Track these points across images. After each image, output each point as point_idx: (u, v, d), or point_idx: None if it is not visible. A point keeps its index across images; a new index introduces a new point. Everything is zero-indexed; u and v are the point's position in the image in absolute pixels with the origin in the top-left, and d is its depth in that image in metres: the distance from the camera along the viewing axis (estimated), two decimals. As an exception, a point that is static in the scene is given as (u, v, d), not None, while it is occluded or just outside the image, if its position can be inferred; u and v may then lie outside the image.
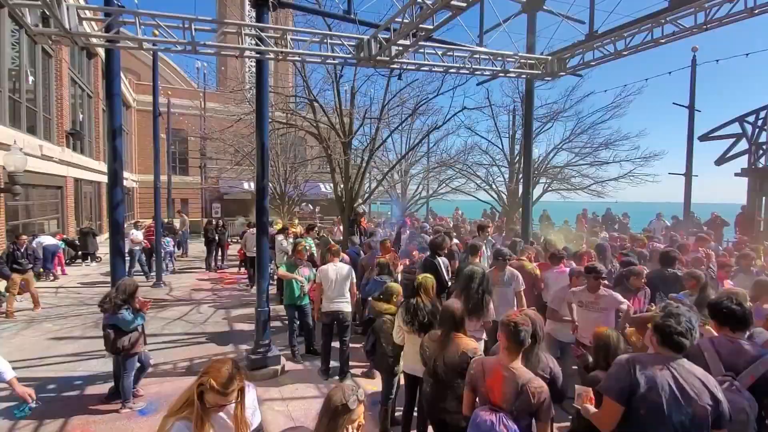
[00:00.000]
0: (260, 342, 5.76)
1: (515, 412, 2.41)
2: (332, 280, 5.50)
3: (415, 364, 3.74)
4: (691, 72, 11.45)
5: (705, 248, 7.50)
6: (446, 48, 6.44)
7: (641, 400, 2.16)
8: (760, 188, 10.79)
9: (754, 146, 10.89)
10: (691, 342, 2.24)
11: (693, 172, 11.85)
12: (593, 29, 6.69)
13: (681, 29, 5.65)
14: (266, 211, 5.82)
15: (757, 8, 5.01)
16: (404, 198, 17.78)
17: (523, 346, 2.52)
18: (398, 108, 12.52)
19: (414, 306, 3.79)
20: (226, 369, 1.91)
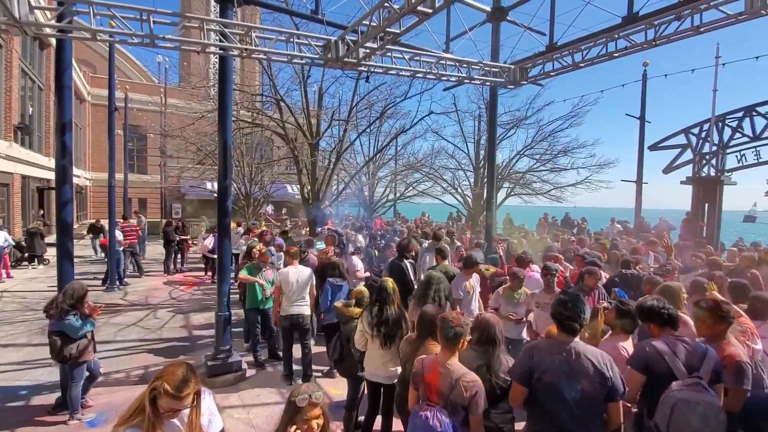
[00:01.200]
0: (220, 347, 5.58)
1: (449, 406, 2.49)
2: (292, 283, 5.39)
3: (377, 371, 3.71)
4: (642, 85, 12.18)
5: (654, 251, 7.97)
6: (413, 53, 6.51)
7: (538, 381, 2.48)
8: (703, 196, 11.61)
9: (698, 156, 11.71)
10: (581, 325, 2.52)
11: (643, 179, 12.59)
12: (553, 41, 6.97)
13: (633, 44, 5.98)
14: (228, 212, 5.66)
15: (703, 26, 5.37)
16: (372, 200, 17.80)
17: (455, 343, 2.60)
18: (366, 110, 12.57)
19: (379, 312, 3.72)
20: (180, 372, 1.85)
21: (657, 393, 2.47)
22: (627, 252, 7.07)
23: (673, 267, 5.65)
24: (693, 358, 2.57)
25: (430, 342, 3.15)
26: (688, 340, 2.69)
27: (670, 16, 5.39)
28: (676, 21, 5.47)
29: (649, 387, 2.58)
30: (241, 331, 7.29)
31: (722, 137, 11.37)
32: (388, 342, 3.61)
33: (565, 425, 2.42)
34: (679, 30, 5.47)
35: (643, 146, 12.37)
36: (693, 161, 11.80)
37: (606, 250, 7.78)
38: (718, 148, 11.39)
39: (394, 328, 3.65)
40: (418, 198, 18.26)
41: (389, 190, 18.69)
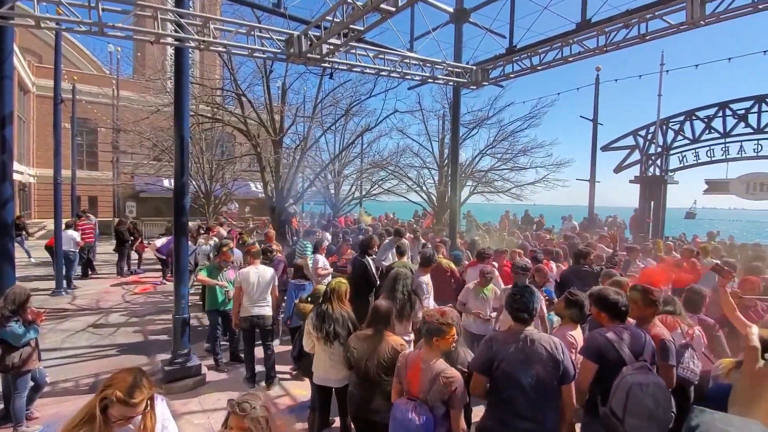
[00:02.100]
0: (178, 351, 5.37)
1: (430, 401, 2.55)
2: (253, 283, 5.25)
3: (326, 374, 3.65)
4: (595, 89, 12.83)
5: (605, 246, 8.45)
6: (378, 50, 6.53)
7: (497, 369, 2.60)
8: (649, 194, 12.40)
9: (645, 157, 12.49)
10: (530, 315, 2.69)
11: (596, 178, 13.27)
12: (513, 44, 7.21)
13: (586, 49, 6.29)
14: (186, 210, 5.44)
15: (648, 35, 5.73)
16: (337, 198, 17.69)
17: (437, 339, 2.64)
18: (331, 108, 12.45)
19: (323, 312, 3.64)
20: (131, 378, 1.78)
21: (609, 380, 2.60)
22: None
23: (619, 260, 5.99)
24: (636, 344, 2.76)
25: (388, 334, 3.18)
26: (630, 327, 2.87)
27: (618, 24, 5.71)
28: (624, 29, 5.80)
29: (601, 375, 2.71)
30: (201, 334, 7.07)
31: (666, 139, 12.19)
32: (330, 341, 3.53)
33: (522, 411, 2.54)
34: (627, 37, 5.81)
35: (596, 147, 13.07)
36: (640, 161, 12.58)
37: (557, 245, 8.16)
38: (662, 149, 12.20)
39: (336, 326, 3.56)
40: (384, 196, 18.33)
41: (355, 188, 18.65)
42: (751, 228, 31.53)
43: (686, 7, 5.07)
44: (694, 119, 11.67)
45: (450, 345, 2.71)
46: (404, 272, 4.63)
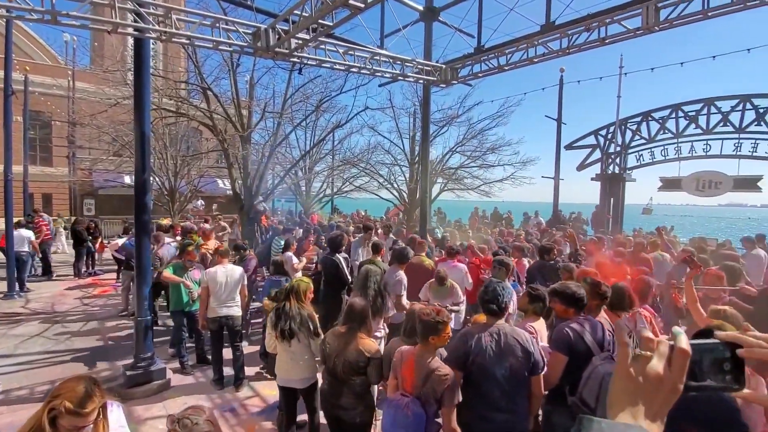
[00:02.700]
0: (141, 355, 5.17)
1: (423, 397, 2.58)
2: (221, 283, 5.13)
3: (288, 375, 3.61)
4: (559, 89, 13.26)
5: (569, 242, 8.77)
6: (348, 47, 6.49)
7: (472, 363, 2.69)
8: (609, 191, 12.98)
9: (605, 156, 13.05)
10: (500, 307, 2.79)
11: (560, 176, 13.76)
12: (481, 44, 7.33)
13: (550, 51, 6.48)
14: (148, 208, 5.24)
15: (608, 38, 5.97)
16: (308, 195, 17.50)
17: (431, 336, 2.66)
18: (301, 103, 12.26)
19: (281, 310, 3.59)
20: (81, 387, 1.71)
21: (578, 371, 2.67)
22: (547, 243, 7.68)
23: (582, 255, 6.24)
24: (596, 334, 2.90)
25: (360, 334, 3.17)
26: (589, 318, 3.01)
27: (580, 27, 5.92)
28: (586, 32, 6.02)
29: (570, 366, 2.79)
30: (165, 338, 6.85)
31: (624, 139, 12.79)
32: (287, 339, 3.49)
33: (498, 402, 2.63)
34: (588, 40, 6.04)
35: (560, 146, 13.52)
36: (601, 160, 13.14)
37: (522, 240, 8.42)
38: (621, 148, 12.79)
39: (292, 324, 3.51)
40: (356, 193, 18.29)
41: (326, 185, 18.51)
42: (704, 222, 33.61)
43: (642, 13, 5.32)
44: (650, 120, 12.31)
45: (445, 342, 2.74)
46: (375, 269, 4.65)
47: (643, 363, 0.66)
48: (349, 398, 3.05)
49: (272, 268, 5.75)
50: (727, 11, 5.01)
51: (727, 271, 5.17)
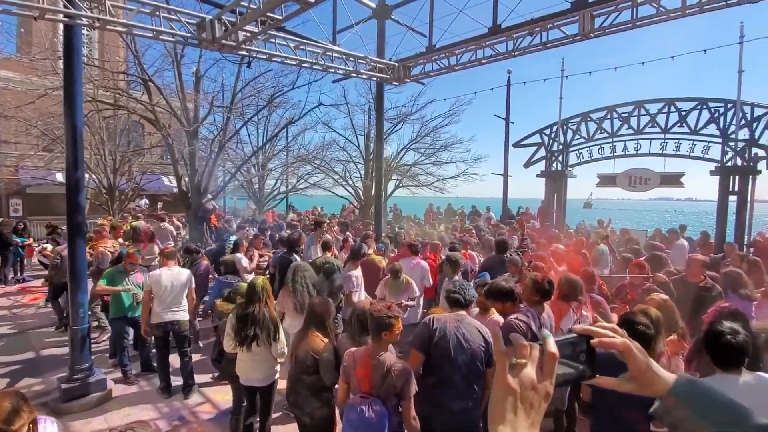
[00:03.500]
0: (77, 366, 4.81)
1: (383, 395, 2.59)
2: (166, 287, 4.86)
3: (248, 374, 3.57)
4: (506, 90, 13.85)
5: (517, 236, 9.20)
6: (299, 41, 6.37)
7: (435, 347, 2.77)
8: (553, 187, 13.73)
9: (549, 153, 13.79)
10: (464, 298, 2.97)
11: (509, 173, 14.38)
12: (432, 43, 7.48)
13: (497, 53, 6.74)
14: (81, 208, 4.86)
15: (549, 43, 6.30)
16: (261, 193, 17.04)
17: (384, 334, 2.66)
18: (252, 98, 11.89)
19: (250, 314, 3.46)
20: (8, 403, 1.59)
21: None
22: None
23: (527, 248, 6.58)
24: (537, 324, 3.09)
25: (313, 333, 3.15)
26: (531, 309, 3.20)
27: (524, 31, 6.20)
28: (529, 36, 6.32)
29: None
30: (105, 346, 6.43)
31: (566, 138, 13.57)
32: (250, 343, 3.42)
33: (458, 388, 2.73)
34: (531, 44, 6.34)
35: (508, 144, 14.15)
36: (545, 157, 13.86)
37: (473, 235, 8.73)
38: (563, 147, 13.57)
39: (256, 329, 3.44)
40: (311, 190, 18.05)
41: (281, 183, 18.10)
42: (637, 215, 36.45)
43: (579, 20, 5.67)
44: (589, 120, 13.16)
45: (396, 337, 2.76)
46: (303, 265, 4.63)
47: (519, 371, 0.66)
48: (301, 397, 3.04)
49: (222, 268, 5.56)
50: (653, 21, 5.46)
51: (654, 260, 5.68)
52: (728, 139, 10.84)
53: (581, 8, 5.59)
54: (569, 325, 3.72)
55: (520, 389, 0.65)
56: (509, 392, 0.65)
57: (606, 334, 0.76)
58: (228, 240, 7.87)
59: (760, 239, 9.39)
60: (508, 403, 0.65)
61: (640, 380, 0.76)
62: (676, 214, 40.86)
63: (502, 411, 0.65)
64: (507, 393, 0.66)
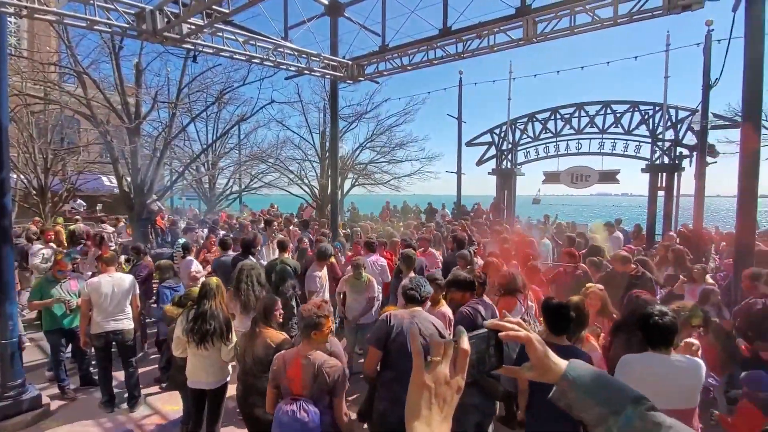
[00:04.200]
0: (8, 383, 4.41)
1: (314, 395, 2.55)
2: (106, 294, 4.55)
3: (198, 378, 3.46)
4: (458, 90, 14.25)
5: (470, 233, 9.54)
6: (249, 36, 6.20)
7: (392, 343, 2.83)
8: (503, 185, 14.34)
9: (499, 152, 14.37)
10: (420, 294, 3.10)
11: (462, 170, 14.82)
12: (385, 43, 7.54)
13: (447, 54, 6.93)
14: (6, 211, 4.44)
15: (496, 46, 6.56)
16: (212, 193, 16.39)
17: (314, 333, 2.64)
18: (200, 93, 11.40)
19: (204, 312, 3.36)
20: None
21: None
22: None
23: (477, 242, 6.86)
24: (488, 312, 3.30)
25: (263, 328, 3.12)
26: (482, 300, 3.39)
27: (472, 34, 6.42)
28: (477, 39, 6.55)
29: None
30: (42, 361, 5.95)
31: (515, 137, 14.21)
32: (204, 343, 3.32)
33: None
34: (480, 47, 6.57)
35: (461, 143, 14.58)
36: (496, 156, 14.44)
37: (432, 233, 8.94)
38: (512, 145, 14.20)
39: (215, 324, 3.35)
40: (265, 189, 17.61)
41: (233, 182, 17.50)
42: (579, 210, 38.80)
43: (523, 25, 5.96)
44: (535, 121, 13.87)
45: (326, 337, 2.75)
46: (249, 265, 4.53)
47: (434, 368, 0.71)
48: (258, 396, 2.98)
49: (159, 273, 5.28)
50: (589, 29, 5.84)
51: (593, 251, 6.12)
52: (656, 139, 11.83)
53: (524, 14, 5.87)
54: (517, 316, 3.94)
55: (435, 385, 0.70)
56: (424, 389, 0.70)
57: (512, 328, 0.83)
58: (177, 243, 7.54)
59: (684, 230, 10.33)
60: (423, 400, 0.69)
61: (538, 368, 0.84)
62: (614, 208, 43.94)
63: (418, 407, 0.69)
64: (422, 389, 0.70)
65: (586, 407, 0.80)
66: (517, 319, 0.88)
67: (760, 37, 4.62)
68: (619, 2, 5.46)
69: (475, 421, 3.07)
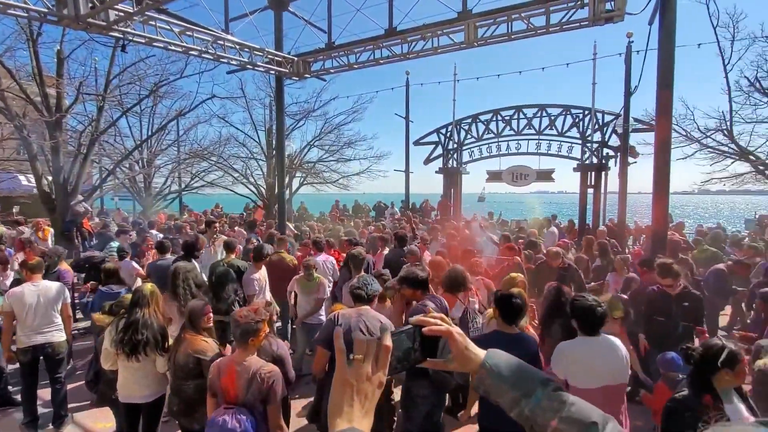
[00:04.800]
0: None
1: (248, 403, 2.44)
2: (31, 305, 4.11)
3: (130, 392, 3.24)
4: (406, 90, 14.49)
5: (418, 228, 9.75)
6: (185, 26, 5.88)
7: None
8: (450, 183, 14.80)
9: (445, 151, 14.81)
10: (367, 293, 3.14)
11: (411, 169, 15.10)
12: (331, 40, 7.49)
13: (393, 54, 7.03)
14: None
15: (440, 48, 6.76)
16: (148, 192, 15.34)
17: (249, 340, 2.53)
18: (132, 86, 10.65)
19: (136, 321, 3.11)
20: None
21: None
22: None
23: (422, 238, 7.07)
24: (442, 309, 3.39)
25: (188, 335, 2.95)
26: (435, 295, 3.48)
27: (417, 35, 6.57)
28: (422, 41, 6.71)
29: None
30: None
31: (460, 137, 14.71)
32: (133, 354, 3.08)
33: None
34: (424, 48, 6.74)
35: (409, 141, 14.86)
36: (443, 155, 14.86)
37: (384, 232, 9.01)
38: (457, 145, 14.69)
39: (148, 334, 3.12)
40: (208, 189, 16.78)
41: (171, 181, 16.49)
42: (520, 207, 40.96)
43: (464, 29, 6.19)
44: (478, 122, 14.46)
45: (262, 340, 2.67)
46: (183, 267, 4.36)
47: (356, 365, 0.74)
48: (185, 404, 2.86)
49: (103, 276, 4.89)
50: (524, 36, 6.20)
51: (529, 245, 6.51)
52: (586, 140, 12.79)
53: (466, 18, 6.10)
54: (458, 314, 4.12)
55: (356, 382, 0.72)
56: (346, 386, 0.73)
57: (435, 323, 0.88)
58: (110, 247, 7.01)
59: (610, 225, 11.27)
60: (345, 396, 0.72)
61: (459, 359, 0.89)
62: (551, 205, 46.93)
63: (340, 404, 0.72)
64: (344, 387, 0.73)
65: (501, 392, 0.86)
66: (439, 314, 0.92)
67: (671, 50, 5.16)
68: (550, 12, 5.85)
69: (424, 411, 3.16)
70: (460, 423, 4.19)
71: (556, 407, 0.82)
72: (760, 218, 11.88)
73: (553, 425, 0.80)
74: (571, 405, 0.82)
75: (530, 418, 0.83)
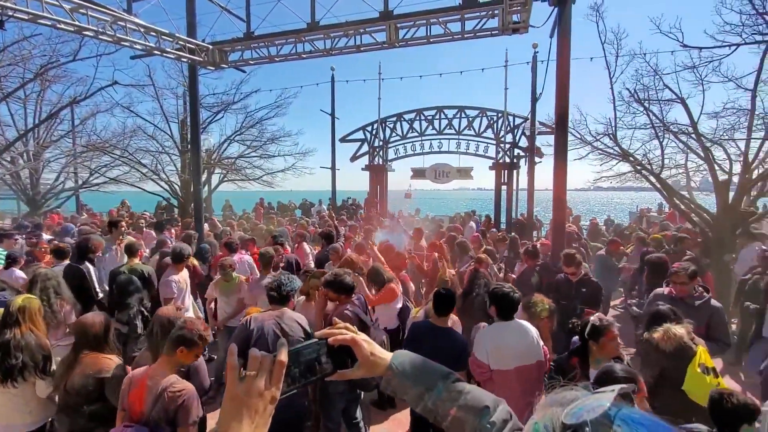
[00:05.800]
0: None
1: (152, 421, 2.20)
2: None
3: (8, 421, 2.80)
4: (331, 86, 14.37)
5: (345, 225, 9.79)
6: (77, 4, 5.23)
7: (254, 345, 2.72)
8: (375, 180, 15.03)
9: (371, 149, 15.01)
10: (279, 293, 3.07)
11: (337, 166, 15.04)
12: (250, 30, 7.17)
13: (316, 49, 6.94)
14: None
15: (362, 47, 6.80)
16: (35, 190, 13.38)
17: (175, 351, 2.34)
18: (14, 67, 9.23)
19: (6, 343, 2.67)
20: None
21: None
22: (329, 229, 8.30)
23: (347, 236, 7.15)
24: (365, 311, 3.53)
25: (87, 356, 2.60)
26: (360, 297, 3.59)
27: (340, 31, 6.56)
28: (345, 38, 6.71)
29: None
30: None
31: (385, 135, 15.01)
32: (7, 380, 2.66)
33: None
34: (347, 45, 6.75)
35: (335, 138, 14.76)
36: (369, 152, 15.05)
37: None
38: (383, 143, 14.97)
39: (25, 358, 2.70)
40: (112, 186, 15.06)
41: (65, 177, 14.53)
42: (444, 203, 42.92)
43: (386, 29, 6.31)
44: (402, 120, 14.89)
45: (190, 360, 2.46)
46: (43, 273, 3.87)
47: (249, 382, 0.73)
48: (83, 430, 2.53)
49: None
50: (442, 40, 6.49)
51: (450, 240, 6.90)
52: (499, 141, 13.82)
53: (387, 19, 6.23)
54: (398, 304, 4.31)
55: (246, 397, 0.72)
56: (236, 402, 0.73)
57: (340, 332, 0.90)
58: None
59: (521, 219, 12.30)
60: (233, 412, 0.72)
61: (366, 365, 0.91)
62: (472, 201, 49.73)
63: (228, 420, 0.72)
64: (234, 402, 0.73)
65: (407, 389, 0.92)
66: (344, 323, 0.94)
67: (567, 62, 5.76)
68: (465, 19, 6.20)
69: (341, 407, 3.24)
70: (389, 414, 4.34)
71: (454, 397, 0.89)
72: (640, 211, 13.82)
73: (452, 414, 0.88)
74: (467, 393, 0.89)
75: (433, 410, 0.90)
